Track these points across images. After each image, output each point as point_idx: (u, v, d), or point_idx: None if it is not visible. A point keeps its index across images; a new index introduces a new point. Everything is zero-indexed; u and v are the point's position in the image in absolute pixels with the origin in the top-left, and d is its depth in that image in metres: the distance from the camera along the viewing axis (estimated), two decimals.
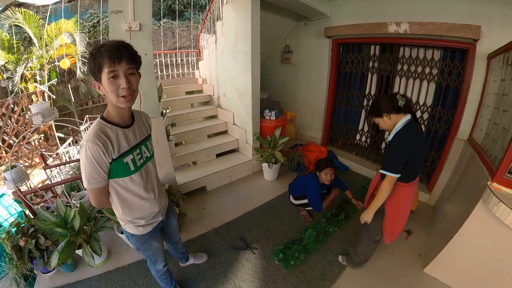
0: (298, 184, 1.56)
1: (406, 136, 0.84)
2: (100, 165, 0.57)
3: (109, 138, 0.58)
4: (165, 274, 0.95)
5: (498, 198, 0.83)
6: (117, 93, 0.55)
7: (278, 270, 1.22)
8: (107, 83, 0.54)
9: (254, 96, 1.98)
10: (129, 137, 0.63)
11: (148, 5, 1.23)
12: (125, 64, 0.54)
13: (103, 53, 0.52)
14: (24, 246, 1.11)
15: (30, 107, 1.92)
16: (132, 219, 0.71)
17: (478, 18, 1.35)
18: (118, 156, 0.60)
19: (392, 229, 1.01)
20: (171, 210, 0.89)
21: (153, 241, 0.79)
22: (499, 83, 1.22)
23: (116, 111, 0.60)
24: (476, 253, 0.99)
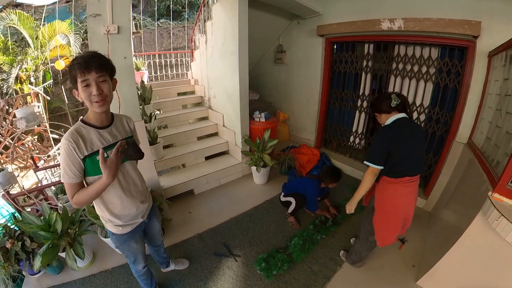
0: (294, 185, 1.53)
1: (389, 132, 0.88)
2: (72, 161, 0.62)
3: (82, 136, 0.64)
4: (144, 274, 0.97)
5: (500, 212, 0.76)
6: (90, 99, 0.62)
7: (259, 280, 1.17)
8: (82, 91, 0.61)
9: (242, 97, 1.93)
10: (104, 137, 0.68)
11: (127, 7, 1.21)
12: (94, 73, 0.60)
13: (75, 66, 0.59)
14: (10, 248, 1.12)
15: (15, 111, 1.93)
16: (110, 218, 0.74)
17: (478, 14, 1.26)
18: (91, 153, 0.64)
19: (383, 230, 0.98)
20: (154, 212, 0.91)
21: (132, 242, 0.82)
22: (501, 82, 1.13)
23: (93, 115, 0.66)
24: (473, 268, 0.92)
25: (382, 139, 0.88)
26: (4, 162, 2.63)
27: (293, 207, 1.47)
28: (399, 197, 0.92)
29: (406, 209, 0.95)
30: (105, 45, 1.17)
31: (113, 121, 0.72)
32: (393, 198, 0.92)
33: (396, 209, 0.94)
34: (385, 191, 0.94)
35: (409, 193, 0.92)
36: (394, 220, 0.95)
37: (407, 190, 0.91)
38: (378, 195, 0.97)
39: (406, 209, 0.95)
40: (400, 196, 0.92)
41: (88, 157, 0.64)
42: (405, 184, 0.90)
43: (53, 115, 3.68)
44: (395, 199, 0.92)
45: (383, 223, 0.97)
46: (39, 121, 1.67)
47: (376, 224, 0.99)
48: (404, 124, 0.88)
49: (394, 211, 0.94)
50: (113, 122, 0.72)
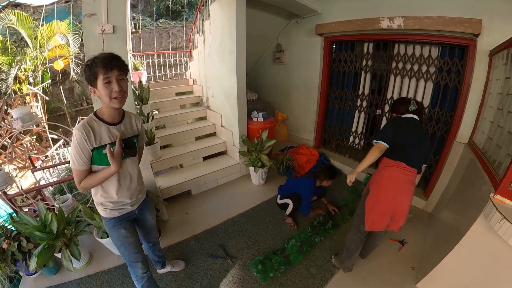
0: (290, 186, 1.52)
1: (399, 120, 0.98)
2: (82, 150, 0.69)
3: (93, 129, 0.70)
4: (147, 281, 0.92)
5: (502, 215, 0.73)
6: (110, 96, 0.68)
7: (256, 282, 1.16)
8: (102, 87, 0.67)
9: (239, 97, 1.92)
10: (113, 133, 0.74)
11: (122, 7, 1.20)
12: (116, 71, 0.67)
13: (98, 64, 0.65)
14: (7, 248, 1.12)
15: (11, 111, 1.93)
16: (102, 202, 0.80)
17: (479, 12, 1.24)
18: (99, 146, 0.70)
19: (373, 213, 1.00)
20: (147, 206, 0.95)
21: (120, 228, 0.85)
22: (502, 81, 1.11)
23: (107, 110, 0.73)
24: (474, 271, 0.90)
25: (392, 123, 0.98)
26: (3, 162, 2.63)
27: (290, 209, 1.46)
28: (393, 181, 0.96)
29: (398, 197, 0.96)
30: (100, 44, 1.16)
31: (123, 118, 0.78)
32: (387, 180, 0.97)
33: (388, 193, 0.97)
34: (381, 173, 1.00)
35: (402, 181, 0.95)
36: (385, 204, 0.98)
37: (401, 177, 0.95)
38: (374, 176, 1.03)
39: (398, 198, 0.96)
40: (394, 180, 0.96)
41: (96, 149, 0.71)
42: (401, 170, 0.94)
43: (51, 115, 3.68)
44: (388, 182, 0.97)
45: (374, 205, 1.00)
46: (35, 121, 1.67)
47: (367, 206, 1.02)
48: (414, 122, 0.96)
49: (386, 195, 0.98)
50: (123, 120, 0.78)
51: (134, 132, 0.81)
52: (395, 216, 1.00)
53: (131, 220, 0.89)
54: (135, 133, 0.81)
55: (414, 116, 0.97)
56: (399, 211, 0.99)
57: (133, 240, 0.89)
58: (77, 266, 1.25)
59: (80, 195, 1.66)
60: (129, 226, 0.87)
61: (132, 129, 0.81)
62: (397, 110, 1.01)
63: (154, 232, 1.03)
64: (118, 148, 0.70)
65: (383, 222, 1.00)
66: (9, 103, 2.79)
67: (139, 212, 0.90)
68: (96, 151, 0.71)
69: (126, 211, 0.85)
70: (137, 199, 0.87)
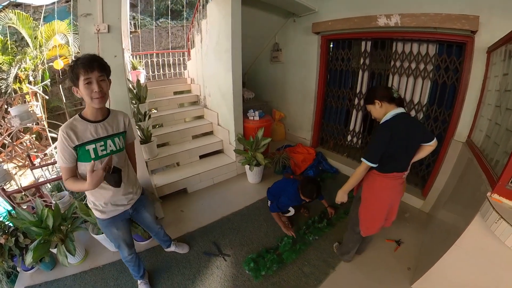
0: (275, 189, 1.48)
1: (389, 129, 0.85)
2: (64, 149, 0.72)
3: (75, 128, 0.73)
4: (131, 261, 1.02)
5: (499, 214, 0.71)
6: (91, 96, 0.70)
7: (248, 280, 1.15)
8: (83, 88, 0.69)
9: (235, 96, 1.91)
10: (96, 130, 0.76)
11: (117, 6, 1.22)
12: (96, 72, 0.69)
13: (79, 65, 0.68)
14: (4, 243, 1.14)
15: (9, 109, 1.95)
16: (93, 202, 0.83)
17: (476, 8, 1.22)
18: (80, 144, 0.73)
19: (367, 220, 1.01)
20: (143, 205, 0.97)
21: (113, 228, 0.89)
22: (500, 78, 1.09)
23: (90, 110, 0.75)
24: (470, 272, 0.88)
25: (382, 137, 0.86)
26: (2, 161, 2.66)
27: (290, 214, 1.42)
28: (385, 190, 0.94)
29: (391, 201, 0.97)
30: (95, 44, 1.17)
31: (107, 116, 0.80)
32: (379, 190, 0.95)
33: (381, 201, 0.96)
34: (372, 183, 0.96)
35: (395, 186, 0.95)
36: (378, 211, 0.97)
37: (393, 183, 0.93)
38: (366, 186, 0.99)
39: (391, 201, 0.97)
40: (387, 188, 0.94)
41: (79, 147, 0.73)
42: (392, 178, 0.92)
43: (51, 114, 3.72)
44: (381, 191, 0.95)
45: (368, 213, 0.99)
46: (33, 119, 1.68)
47: (361, 215, 1.01)
48: (404, 120, 0.86)
49: (379, 203, 0.96)
50: (108, 117, 0.80)
51: (120, 129, 0.82)
52: (388, 215, 1.01)
53: (125, 220, 0.91)
54: (120, 130, 0.83)
55: (400, 109, 0.87)
56: (392, 211, 1.00)
57: (125, 237, 0.94)
58: (73, 262, 1.27)
59: (77, 192, 1.67)
60: (122, 225, 0.90)
61: (118, 125, 0.82)
62: (381, 96, 0.88)
63: (153, 226, 1.09)
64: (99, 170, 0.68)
65: (378, 225, 1.00)
66: (9, 102, 2.83)
67: (133, 211, 0.92)
68: (80, 148, 0.74)
69: (118, 212, 0.87)
70: (129, 198, 0.88)
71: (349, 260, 1.21)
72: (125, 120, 0.85)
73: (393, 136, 0.84)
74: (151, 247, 1.35)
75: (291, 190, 1.32)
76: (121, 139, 0.83)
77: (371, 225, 1.01)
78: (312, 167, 2.07)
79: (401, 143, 0.86)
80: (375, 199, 0.96)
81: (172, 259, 1.28)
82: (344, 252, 1.19)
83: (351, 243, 1.14)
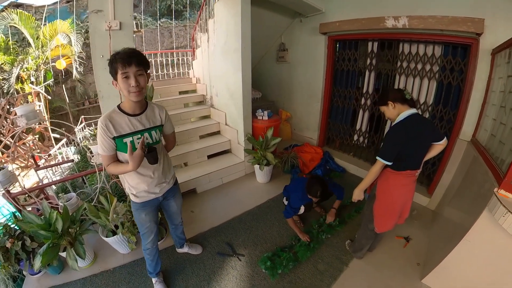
0: (291, 187, 1.50)
1: (404, 129, 0.89)
2: (104, 139, 0.76)
3: (113, 120, 0.76)
4: (150, 253, 1.05)
5: (506, 208, 0.75)
6: (128, 90, 0.72)
7: (264, 279, 1.16)
8: (121, 82, 0.71)
9: (245, 96, 1.92)
10: (133, 123, 0.79)
11: (128, 3, 1.21)
12: (134, 67, 0.70)
13: (117, 59, 0.70)
14: (10, 247, 1.11)
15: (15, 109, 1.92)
16: (130, 187, 0.89)
17: (481, 11, 1.26)
18: (118, 135, 0.77)
19: (381, 217, 1.03)
20: (173, 195, 1.01)
21: (142, 213, 0.93)
22: (505, 79, 1.13)
23: (128, 103, 0.78)
24: (479, 265, 0.91)
25: (397, 136, 0.89)
26: (5, 162, 2.61)
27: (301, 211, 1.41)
28: (399, 187, 0.97)
29: (404, 198, 1.00)
30: (107, 41, 1.16)
31: (145, 110, 0.82)
32: (394, 188, 0.97)
33: (395, 198, 0.99)
34: (387, 181, 0.98)
35: (408, 184, 0.98)
36: (392, 208, 1.00)
37: (407, 181, 0.96)
38: (380, 184, 1.01)
39: (404, 198, 1.00)
40: (401, 186, 0.97)
41: (117, 138, 0.77)
42: (406, 176, 0.95)
43: (54, 114, 3.67)
44: (395, 189, 0.97)
45: (382, 210, 1.02)
46: (39, 118, 1.66)
47: (376, 211, 1.04)
48: (417, 120, 0.90)
49: (393, 200, 0.99)
50: (145, 111, 0.82)
51: (157, 123, 0.85)
52: (402, 212, 1.04)
53: (154, 207, 0.96)
54: (157, 123, 0.85)
55: (413, 110, 0.90)
56: (406, 208, 1.03)
57: (150, 224, 0.97)
58: (82, 265, 1.25)
59: (84, 194, 1.66)
60: (150, 211, 0.94)
61: (155, 119, 0.85)
62: (394, 97, 0.92)
63: (177, 217, 1.12)
64: (138, 150, 0.73)
65: (392, 222, 1.03)
66: (12, 102, 2.78)
67: (163, 199, 0.96)
68: (118, 139, 0.77)
69: (149, 198, 0.91)
70: (162, 188, 0.92)
71: (361, 257, 1.24)
72: (161, 114, 0.87)
73: (408, 135, 0.88)
74: (164, 248, 1.35)
75: (300, 188, 1.34)
76: (158, 132, 0.85)
77: (386, 222, 1.03)
78: (320, 166, 2.10)
79: (414, 142, 0.89)
80: (390, 197, 0.99)
81: (186, 260, 1.28)
82: (357, 249, 1.22)
83: (364, 240, 1.16)
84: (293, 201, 1.34)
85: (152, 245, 1.02)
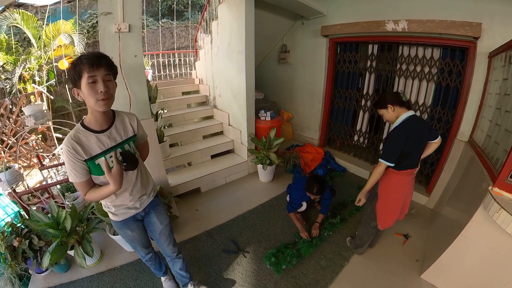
0: (293, 185, 1.55)
1: (404, 131, 0.93)
2: (73, 164, 0.64)
3: (80, 141, 0.64)
4: (150, 260, 0.99)
5: (500, 205, 0.79)
6: (96, 97, 0.60)
7: (269, 275, 1.20)
8: (87, 88, 0.59)
9: (248, 97, 1.96)
10: (102, 141, 0.68)
11: (137, 6, 1.22)
12: (103, 70, 0.60)
13: (83, 60, 0.58)
14: (18, 246, 1.12)
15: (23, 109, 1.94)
16: (107, 205, 0.79)
17: (479, 16, 1.30)
18: (89, 158, 0.65)
19: (384, 214, 1.07)
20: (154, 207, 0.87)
21: (126, 230, 0.85)
22: (501, 82, 1.17)
23: (93, 116, 0.66)
24: (476, 260, 0.96)
25: (399, 138, 0.93)
26: (8, 161, 2.62)
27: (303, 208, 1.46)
28: (401, 185, 1.02)
29: (405, 195, 1.06)
30: (116, 43, 1.17)
31: (113, 122, 0.70)
32: (395, 187, 1.02)
33: (397, 196, 1.04)
34: (389, 181, 1.03)
35: (408, 181, 1.03)
36: (394, 206, 1.05)
37: (407, 179, 1.02)
38: (382, 184, 1.05)
39: (405, 196, 1.06)
40: (402, 184, 1.02)
41: (89, 161, 0.65)
42: (406, 175, 1.01)
43: (56, 114, 3.67)
44: (397, 187, 1.02)
45: (385, 208, 1.06)
46: (47, 118, 1.68)
47: (379, 210, 1.08)
48: (415, 121, 0.95)
49: (395, 198, 1.04)
50: (113, 123, 0.70)
51: (129, 134, 0.73)
52: (402, 209, 1.09)
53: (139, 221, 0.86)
54: (129, 134, 0.74)
55: (411, 112, 0.95)
56: (406, 205, 1.09)
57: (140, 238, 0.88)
58: (89, 263, 1.25)
59: None
60: (135, 227, 0.84)
61: (126, 130, 0.73)
62: (392, 100, 0.96)
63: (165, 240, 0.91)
64: (116, 166, 0.62)
65: (394, 219, 1.08)
66: (14, 102, 2.79)
67: (145, 214, 0.85)
68: (90, 162, 0.65)
69: (129, 215, 0.81)
70: (142, 201, 0.81)
71: (362, 253, 1.28)
72: (132, 122, 0.75)
73: (409, 137, 0.92)
74: None
75: (301, 187, 1.38)
76: (132, 144, 0.75)
77: (388, 219, 1.08)
78: (321, 166, 2.14)
79: (414, 142, 0.94)
80: (392, 195, 1.04)
81: (192, 257, 1.30)
82: (358, 245, 1.26)
83: (365, 237, 1.20)
84: (295, 198, 1.39)
85: (148, 254, 0.95)
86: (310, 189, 1.28)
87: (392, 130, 0.98)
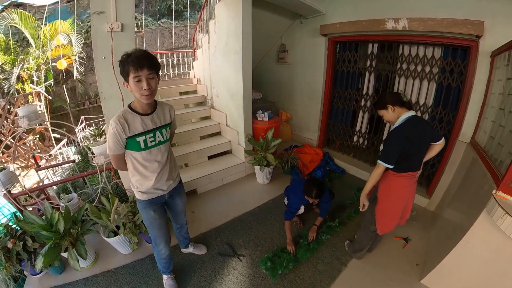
0: (291, 188, 1.51)
1: (404, 132, 0.90)
2: (118, 138, 0.77)
3: (128, 121, 0.78)
4: (166, 258, 1.06)
5: (504, 210, 0.76)
6: (140, 92, 0.73)
7: (264, 280, 1.17)
8: (133, 84, 0.72)
9: (245, 97, 1.93)
10: (146, 123, 0.81)
11: (130, 5, 1.21)
12: (146, 70, 0.71)
13: (129, 62, 0.70)
14: (12, 248, 1.12)
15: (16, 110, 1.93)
16: (136, 184, 0.88)
17: (480, 14, 1.27)
18: (132, 135, 0.78)
19: (383, 218, 1.04)
20: (178, 193, 1.01)
21: (150, 210, 0.92)
22: (504, 82, 1.14)
23: (139, 103, 0.79)
24: (477, 266, 0.93)
25: (399, 140, 0.90)
26: (5, 162, 2.62)
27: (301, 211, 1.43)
28: (401, 189, 0.98)
29: (406, 199, 1.02)
30: (109, 42, 1.16)
31: (155, 109, 0.83)
32: (395, 190, 0.99)
33: (397, 200, 1.00)
34: (389, 183, 0.99)
35: (410, 185, 0.99)
36: (394, 210, 1.01)
37: (408, 182, 0.98)
38: (382, 187, 1.02)
39: (406, 200, 1.02)
40: (402, 187, 0.98)
41: (130, 138, 0.78)
42: (407, 177, 0.97)
43: (54, 114, 3.67)
44: (397, 191, 0.99)
45: (384, 212, 1.03)
46: (41, 119, 1.66)
47: (378, 213, 1.05)
48: (416, 122, 0.92)
49: (395, 201, 1.00)
50: (155, 110, 0.83)
51: (167, 121, 0.87)
52: (403, 214, 1.05)
53: (161, 204, 0.96)
54: (167, 121, 0.87)
55: (411, 112, 0.92)
56: (407, 209, 1.05)
57: (160, 221, 0.96)
58: (83, 265, 1.25)
59: (85, 194, 1.67)
60: (158, 208, 0.94)
61: (165, 118, 0.87)
62: (392, 101, 0.93)
63: (182, 216, 1.11)
64: None
65: (394, 223, 1.04)
66: (12, 102, 2.78)
67: (169, 197, 0.96)
68: (130, 139, 0.79)
69: (156, 195, 0.91)
70: (169, 186, 0.92)
71: (361, 257, 1.25)
72: (171, 112, 0.89)
73: (409, 138, 0.89)
74: None
75: (299, 190, 1.35)
76: (168, 130, 0.87)
77: (388, 224, 1.04)
78: (320, 167, 2.11)
79: (415, 144, 0.91)
80: (392, 198, 1.00)
81: (187, 260, 1.28)
82: (357, 249, 1.23)
83: (365, 241, 1.17)
84: (293, 201, 1.36)
85: (166, 250, 1.02)
86: (308, 192, 1.25)
87: (392, 131, 0.96)
